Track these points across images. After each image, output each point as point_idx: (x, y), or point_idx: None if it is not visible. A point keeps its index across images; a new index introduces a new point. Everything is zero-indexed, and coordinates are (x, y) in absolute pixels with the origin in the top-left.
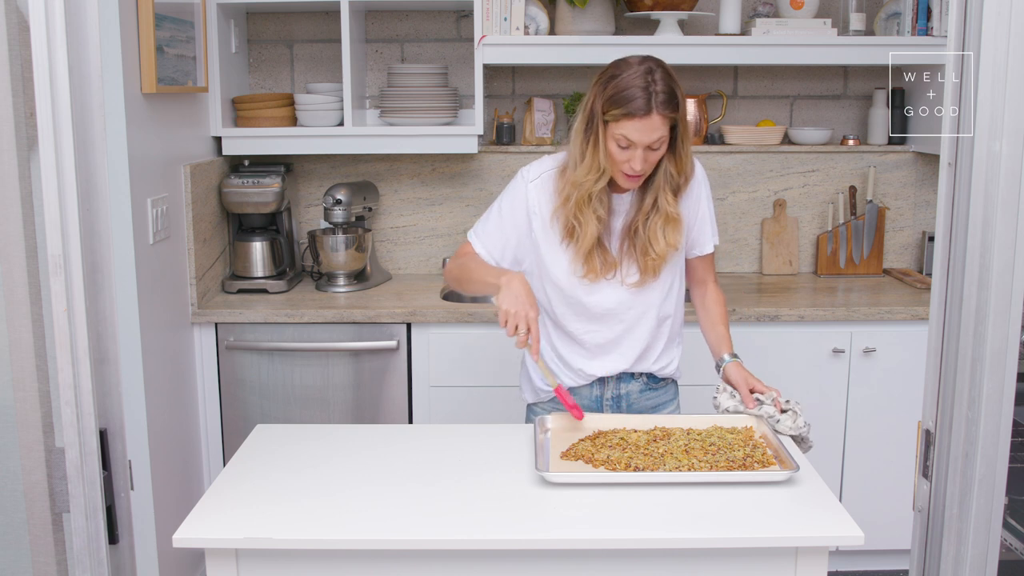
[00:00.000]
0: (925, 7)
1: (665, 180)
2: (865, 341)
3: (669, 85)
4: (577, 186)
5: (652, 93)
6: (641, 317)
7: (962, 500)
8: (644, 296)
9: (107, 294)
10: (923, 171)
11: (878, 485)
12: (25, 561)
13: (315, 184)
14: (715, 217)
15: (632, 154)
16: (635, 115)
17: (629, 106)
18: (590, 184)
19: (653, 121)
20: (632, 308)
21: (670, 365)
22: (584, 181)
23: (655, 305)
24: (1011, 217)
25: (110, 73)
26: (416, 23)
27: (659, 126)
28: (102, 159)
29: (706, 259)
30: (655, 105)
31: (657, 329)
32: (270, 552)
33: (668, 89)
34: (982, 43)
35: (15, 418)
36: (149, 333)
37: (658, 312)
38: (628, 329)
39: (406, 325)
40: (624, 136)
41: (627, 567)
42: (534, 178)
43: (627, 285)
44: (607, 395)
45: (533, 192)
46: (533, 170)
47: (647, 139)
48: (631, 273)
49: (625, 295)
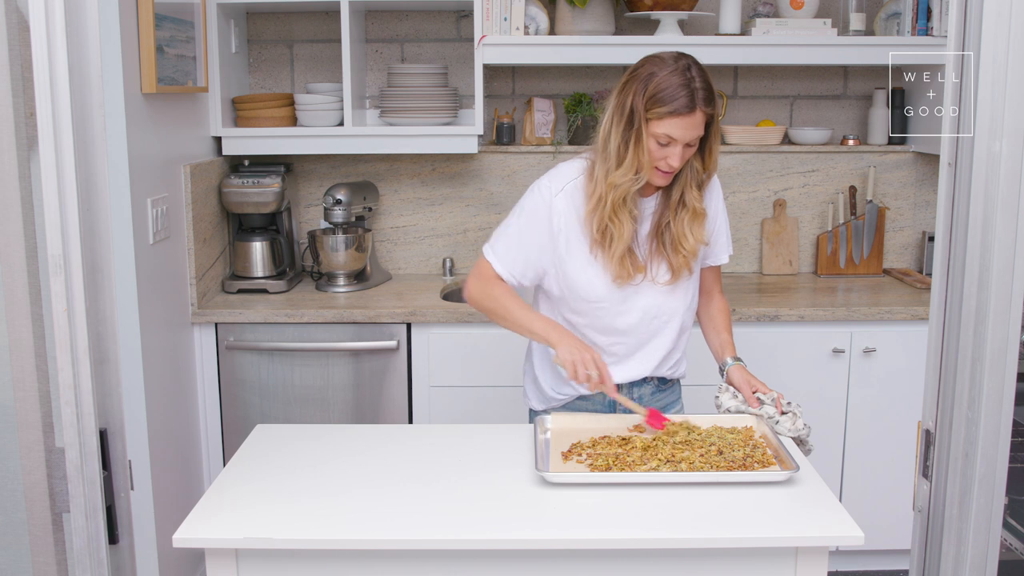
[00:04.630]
0: (925, 7)
1: (691, 176)
2: (865, 341)
3: (707, 80)
4: (614, 187)
5: (694, 90)
6: (665, 325)
7: (962, 500)
8: (672, 303)
9: (107, 294)
10: (923, 171)
11: (878, 485)
12: (25, 561)
13: (315, 184)
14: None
15: (671, 151)
16: (680, 113)
17: (673, 104)
18: (628, 184)
19: (696, 118)
20: (658, 317)
21: (680, 367)
22: (623, 181)
23: (680, 313)
24: (1011, 217)
25: (110, 73)
26: (416, 23)
27: (700, 123)
28: (102, 159)
29: (716, 270)
30: (698, 102)
31: (679, 338)
32: (270, 552)
33: (707, 85)
34: (982, 43)
35: (15, 418)
36: (149, 333)
37: (682, 321)
38: (653, 336)
39: (406, 325)
40: (667, 134)
41: (627, 567)
42: (558, 191)
43: (660, 284)
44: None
45: (560, 204)
46: (555, 182)
47: (689, 136)
48: (662, 273)
49: (657, 298)
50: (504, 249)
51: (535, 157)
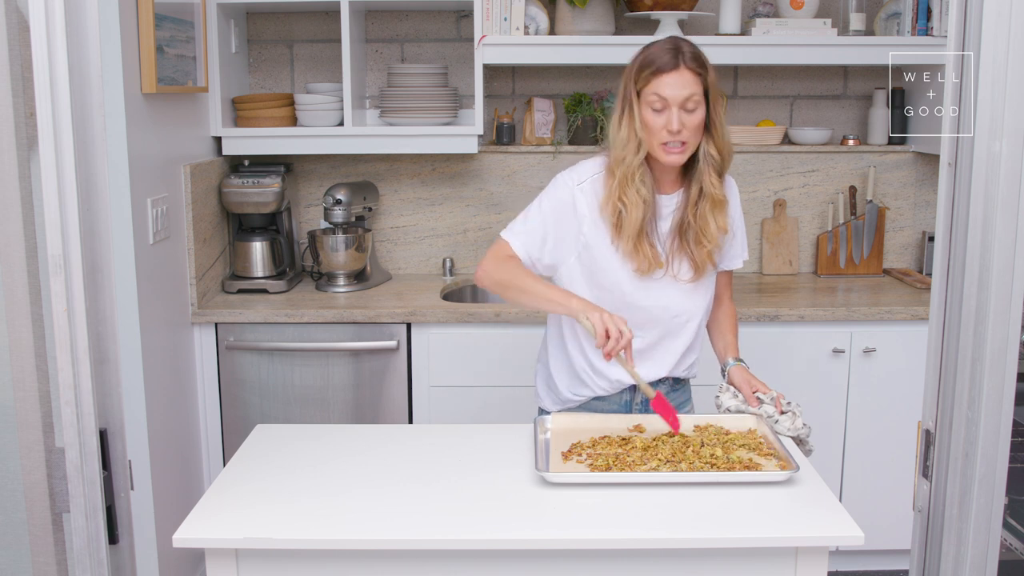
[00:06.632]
0: (925, 7)
1: (707, 163)
2: (865, 341)
3: (695, 50)
4: (618, 163)
5: (679, 52)
6: (685, 324)
7: (962, 500)
8: (692, 302)
9: (107, 294)
10: (923, 171)
11: (878, 485)
12: (25, 561)
13: (315, 184)
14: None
15: (668, 116)
16: (664, 70)
17: (657, 63)
18: (630, 157)
19: (683, 75)
20: (678, 315)
21: (694, 368)
22: (623, 155)
23: (699, 315)
24: (1011, 217)
25: (110, 73)
26: (416, 23)
27: (690, 81)
28: (102, 159)
29: (728, 275)
30: (682, 60)
31: (695, 339)
32: (270, 552)
33: (694, 51)
34: (982, 43)
35: (15, 418)
36: (149, 333)
37: (699, 322)
38: (672, 335)
39: (406, 325)
40: (657, 95)
41: (627, 567)
42: (581, 181)
43: (682, 281)
44: (637, 399)
45: (581, 196)
46: (579, 173)
47: (679, 95)
48: (684, 270)
49: (677, 297)
50: (523, 230)
51: (535, 157)
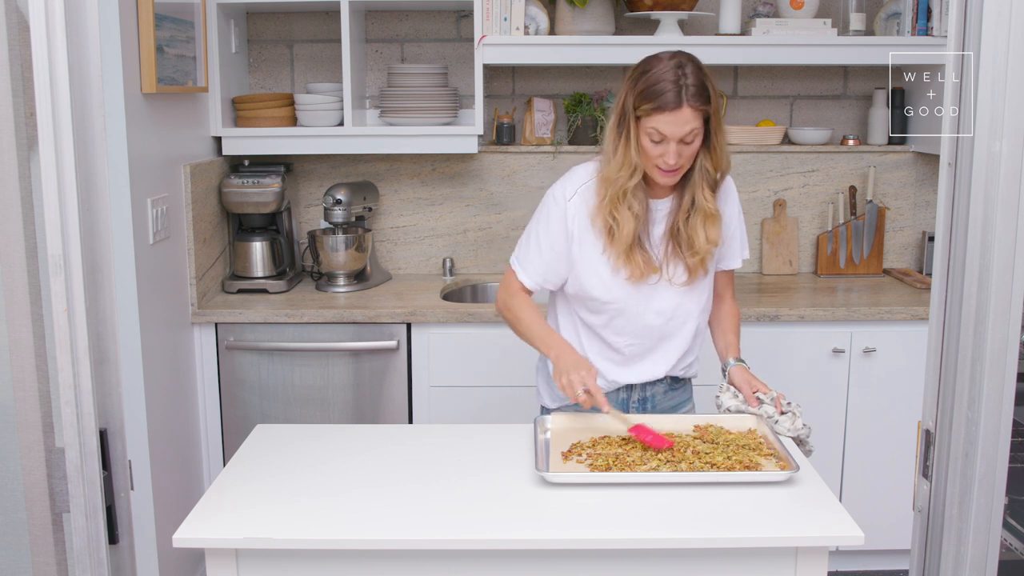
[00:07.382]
0: (925, 7)
1: (702, 176)
2: (865, 341)
3: (700, 79)
4: (611, 183)
5: (683, 87)
6: (682, 326)
7: (962, 500)
8: (688, 304)
9: (107, 294)
10: (923, 171)
11: (878, 485)
12: (25, 561)
13: (315, 184)
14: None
15: (665, 148)
16: (665, 108)
17: (659, 100)
18: (624, 180)
19: (684, 114)
20: (674, 318)
21: (693, 366)
22: (617, 177)
23: (695, 315)
24: (1011, 217)
25: (110, 73)
26: (416, 23)
27: (690, 119)
28: (102, 159)
29: (729, 274)
30: (685, 98)
31: (694, 339)
32: (270, 552)
33: (699, 82)
34: (982, 43)
35: (15, 418)
36: (149, 333)
37: (697, 322)
38: (669, 337)
39: (406, 325)
40: (656, 130)
41: (627, 567)
42: (572, 195)
43: (677, 285)
44: (634, 398)
45: (573, 210)
46: (569, 187)
47: (678, 132)
48: (679, 274)
49: (673, 300)
50: (526, 258)
51: (535, 157)
